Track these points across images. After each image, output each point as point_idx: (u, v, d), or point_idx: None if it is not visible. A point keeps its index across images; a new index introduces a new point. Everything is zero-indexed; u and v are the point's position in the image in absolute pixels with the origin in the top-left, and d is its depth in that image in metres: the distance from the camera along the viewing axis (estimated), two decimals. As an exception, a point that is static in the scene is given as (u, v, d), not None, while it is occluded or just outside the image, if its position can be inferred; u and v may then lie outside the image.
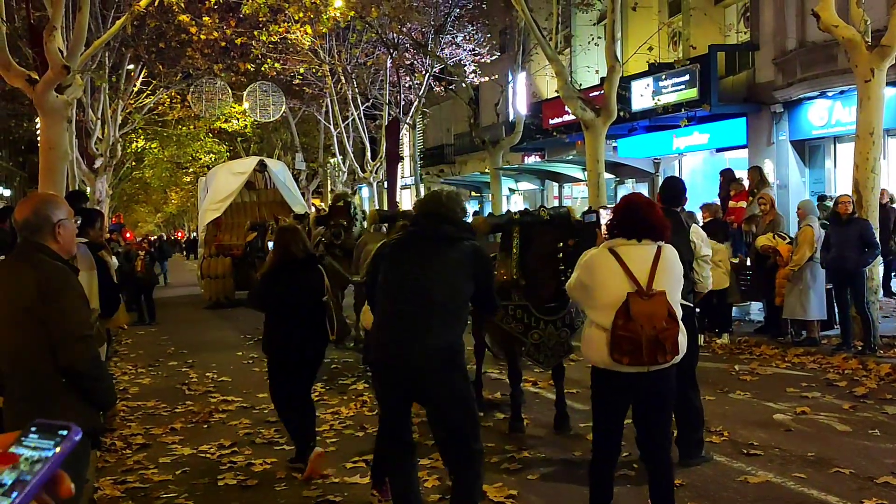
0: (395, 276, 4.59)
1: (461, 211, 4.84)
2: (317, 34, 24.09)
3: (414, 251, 4.63)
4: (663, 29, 21.39)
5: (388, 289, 4.61)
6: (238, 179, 20.98)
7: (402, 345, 4.42)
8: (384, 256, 4.79)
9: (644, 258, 4.57)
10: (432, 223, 4.64)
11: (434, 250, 4.57)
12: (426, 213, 4.76)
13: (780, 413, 7.68)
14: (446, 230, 4.61)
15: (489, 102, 26.40)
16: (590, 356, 4.70)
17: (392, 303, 4.56)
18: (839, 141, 17.83)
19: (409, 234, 4.90)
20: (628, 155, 22.55)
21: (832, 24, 10.86)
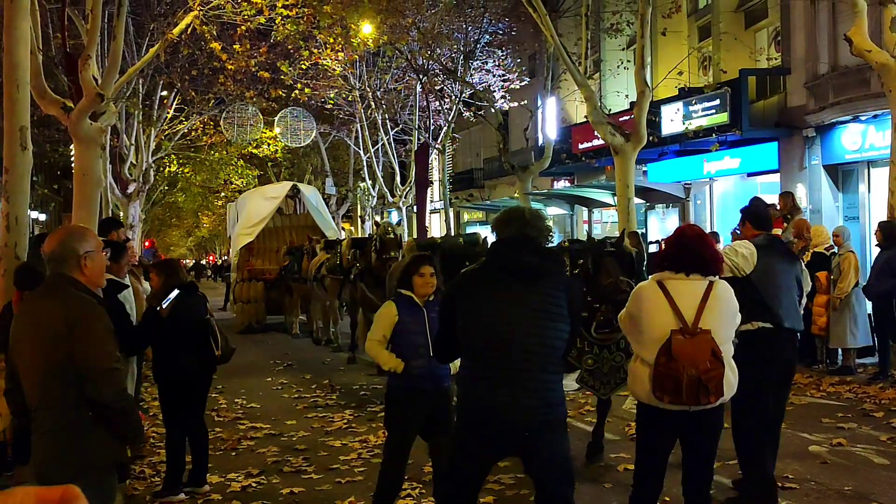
0: (481, 320, 4.00)
1: (548, 233, 4.26)
2: (347, 59, 24.31)
3: (500, 287, 4.02)
4: (693, 53, 21.33)
5: (473, 335, 4.02)
6: (271, 204, 20.92)
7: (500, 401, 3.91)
8: (460, 294, 4.14)
9: (693, 293, 4.46)
10: (517, 253, 4.03)
11: (522, 286, 4.00)
12: (510, 239, 4.11)
13: (815, 445, 7.53)
14: (536, 263, 4.02)
15: (518, 127, 26.45)
16: (635, 391, 4.64)
17: (481, 352, 4.01)
18: (873, 165, 17.59)
19: (490, 267, 4.18)
20: (658, 180, 22.42)
21: (865, 49, 10.77)
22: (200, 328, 6.52)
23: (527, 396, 3.91)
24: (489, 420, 3.94)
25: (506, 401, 3.89)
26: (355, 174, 36.14)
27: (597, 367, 6.86)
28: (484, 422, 3.96)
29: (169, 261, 7.50)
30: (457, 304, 4.09)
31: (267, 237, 21.32)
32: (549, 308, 3.98)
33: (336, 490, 6.70)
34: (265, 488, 6.84)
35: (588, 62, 18.15)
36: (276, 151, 33.31)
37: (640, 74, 15.13)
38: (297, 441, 8.34)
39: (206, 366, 6.66)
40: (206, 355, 6.55)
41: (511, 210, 4.34)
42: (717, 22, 20.83)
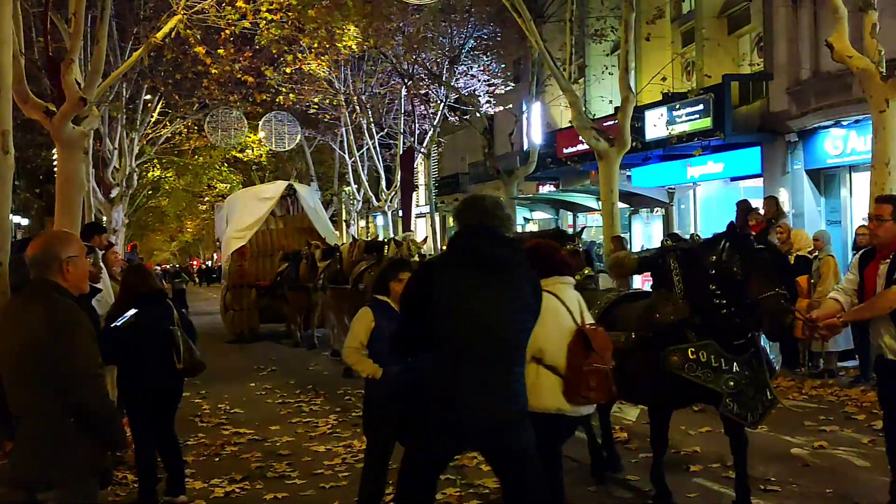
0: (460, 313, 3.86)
1: (509, 222, 4.12)
2: (331, 64, 24.31)
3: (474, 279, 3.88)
4: (677, 59, 21.47)
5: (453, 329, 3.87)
6: (264, 205, 19.70)
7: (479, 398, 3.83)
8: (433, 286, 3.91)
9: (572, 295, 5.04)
10: (487, 244, 3.90)
11: (495, 278, 3.88)
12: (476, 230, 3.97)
13: (797, 447, 7.58)
14: (507, 255, 3.92)
15: (503, 132, 26.49)
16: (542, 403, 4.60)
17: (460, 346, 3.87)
18: (854, 170, 17.72)
19: (459, 258, 4.00)
20: (642, 184, 22.51)
21: (846, 55, 10.84)
22: (166, 340, 6.27)
23: (502, 391, 3.87)
24: (466, 415, 3.85)
25: (483, 396, 3.82)
26: (340, 178, 36.11)
27: (740, 388, 5.48)
28: (461, 418, 3.86)
29: (137, 268, 7.19)
30: (429, 295, 3.88)
31: (260, 241, 20.06)
32: (519, 301, 3.92)
33: (320, 495, 6.69)
34: (249, 494, 6.82)
35: (572, 67, 18.16)
36: (260, 155, 33.29)
37: (625, 80, 15.22)
38: (281, 446, 8.31)
39: (174, 379, 6.40)
40: (172, 368, 6.29)
41: (471, 199, 4.23)
42: (701, 28, 20.93)
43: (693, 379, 5.47)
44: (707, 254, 5.57)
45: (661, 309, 5.77)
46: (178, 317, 6.48)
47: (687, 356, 5.49)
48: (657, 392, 5.86)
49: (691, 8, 22.21)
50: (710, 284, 5.50)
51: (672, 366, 5.51)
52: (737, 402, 5.50)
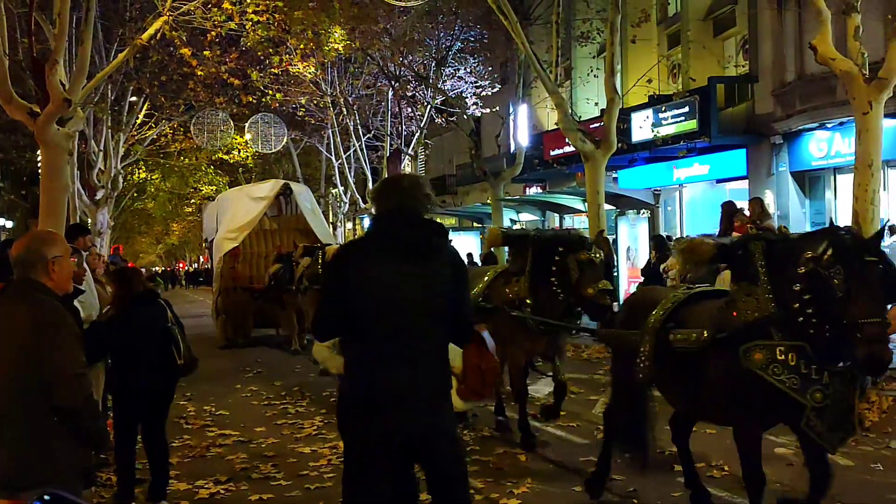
0: (374, 298, 3.82)
1: (429, 202, 4.08)
2: (318, 66, 24.27)
3: (389, 264, 3.85)
4: (662, 62, 21.56)
5: (367, 314, 3.83)
6: (259, 205, 18.87)
7: (397, 376, 3.79)
8: (348, 270, 3.90)
9: None
10: (403, 229, 3.89)
11: (413, 258, 3.87)
12: (393, 213, 3.94)
13: (781, 447, 7.61)
14: (423, 240, 3.90)
15: (490, 134, 26.54)
16: None
17: (376, 332, 3.83)
18: (839, 172, 17.85)
19: (375, 243, 3.98)
20: (628, 186, 22.60)
21: (829, 57, 10.91)
22: (160, 339, 6.24)
23: (425, 375, 3.85)
24: (392, 401, 3.79)
25: (407, 380, 3.79)
26: (327, 180, 36.08)
27: (826, 404, 4.72)
28: (386, 404, 3.79)
29: (124, 270, 7.20)
30: (345, 279, 3.86)
31: (254, 241, 19.30)
32: (438, 281, 3.90)
33: (305, 496, 6.68)
34: (234, 495, 6.80)
35: (559, 70, 18.23)
36: (246, 157, 33.22)
37: (610, 82, 15.28)
38: (267, 448, 8.30)
39: (168, 379, 6.39)
40: (167, 368, 6.26)
41: (389, 181, 4.23)
42: (686, 30, 21.05)
43: (776, 384, 4.73)
44: (803, 252, 4.69)
45: (742, 304, 5.00)
46: (173, 315, 6.48)
47: (774, 355, 4.76)
48: (736, 402, 5.01)
49: (677, 11, 22.33)
50: (801, 292, 4.68)
51: (754, 364, 4.77)
52: (821, 418, 4.73)
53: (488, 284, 8.22)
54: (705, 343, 5.05)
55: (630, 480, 6.60)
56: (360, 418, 3.85)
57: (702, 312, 5.36)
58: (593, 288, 7.15)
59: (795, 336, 4.73)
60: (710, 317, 5.22)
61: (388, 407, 3.80)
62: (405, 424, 3.83)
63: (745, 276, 5.12)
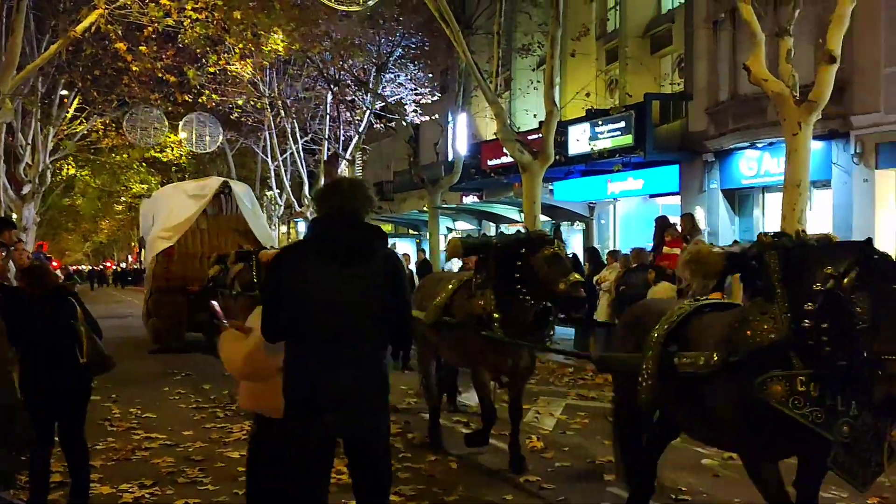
0: (308, 301, 3.90)
1: (369, 205, 4.11)
2: (257, 67, 24.02)
3: (325, 267, 3.91)
4: (600, 76, 21.88)
5: (302, 316, 3.91)
6: (197, 203, 18.05)
7: (337, 378, 3.86)
8: (284, 273, 3.99)
9: None
10: (339, 232, 3.96)
11: (352, 261, 3.92)
12: (331, 217, 4.01)
13: (707, 458, 7.74)
14: (358, 244, 3.96)
15: (429, 141, 26.59)
16: (266, 408, 4.59)
17: (310, 334, 3.90)
18: (767, 191, 18.34)
19: (312, 246, 4.07)
20: (564, 198, 22.87)
21: (762, 79, 11.21)
22: (68, 336, 5.99)
23: (365, 377, 3.91)
24: (332, 403, 3.85)
25: (346, 382, 3.86)
26: (262, 182, 35.69)
27: (855, 436, 4.14)
28: (326, 406, 3.86)
29: (33, 266, 6.94)
30: (284, 283, 3.95)
31: (191, 241, 18.32)
32: (377, 288, 3.94)
33: (234, 502, 6.55)
34: (159, 499, 6.64)
35: (499, 80, 18.40)
36: (180, 156, 32.69)
37: (549, 94, 15.45)
38: (194, 452, 8.13)
39: (80, 378, 6.10)
40: (75, 366, 5.99)
41: (331, 184, 4.27)
42: (624, 46, 21.42)
43: (799, 418, 4.16)
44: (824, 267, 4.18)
45: (756, 324, 4.38)
46: (82, 313, 6.26)
47: (794, 386, 4.18)
48: (750, 433, 4.47)
49: (616, 27, 22.70)
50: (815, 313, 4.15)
51: (773, 396, 4.18)
52: (849, 455, 4.15)
53: (451, 297, 7.60)
54: (715, 367, 4.51)
55: (560, 489, 6.64)
56: (300, 420, 3.91)
57: (710, 330, 4.80)
58: (564, 282, 6.59)
59: (817, 361, 4.16)
60: (719, 336, 4.64)
61: (329, 409, 3.86)
62: (345, 426, 3.91)
63: (760, 290, 4.53)
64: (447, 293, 7.65)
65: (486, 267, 7.23)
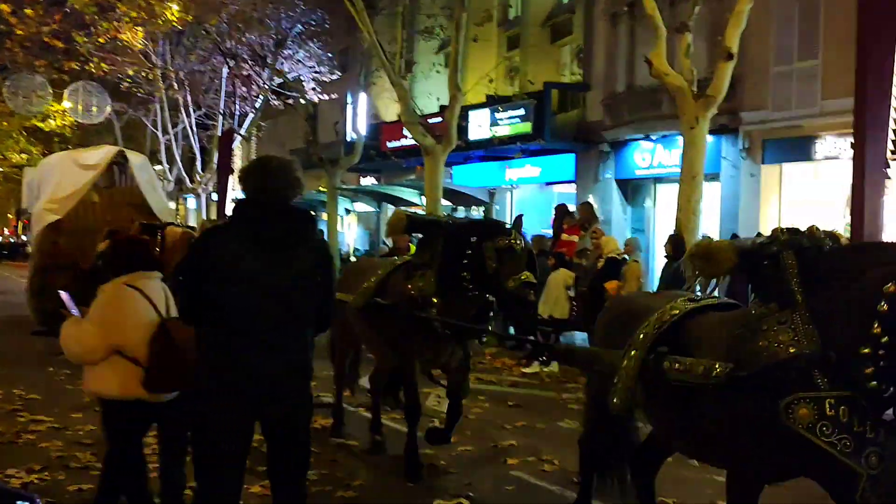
0: (239, 281, 3.78)
1: (297, 186, 4.01)
2: (149, 36, 23.19)
3: (249, 251, 3.80)
4: (502, 63, 22.03)
5: (225, 299, 3.81)
6: (88, 174, 16.62)
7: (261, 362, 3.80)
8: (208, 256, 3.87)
9: (158, 288, 4.93)
10: (265, 216, 3.84)
11: (277, 245, 3.82)
12: (257, 199, 3.90)
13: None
14: (285, 229, 3.86)
15: (328, 120, 26.24)
16: (105, 389, 4.79)
17: (244, 314, 3.81)
18: (659, 182, 18.90)
19: (237, 228, 3.93)
20: (462, 183, 23.00)
21: (663, 73, 11.49)
22: None
23: (286, 362, 3.87)
24: (253, 387, 3.81)
25: (268, 367, 3.81)
26: (152, 156, 34.45)
27: (882, 467, 3.65)
28: (246, 390, 3.81)
29: None
30: (206, 266, 3.84)
31: (81, 215, 16.77)
32: (298, 269, 3.88)
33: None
34: (49, 485, 6.35)
35: (401, 62, 18.27)
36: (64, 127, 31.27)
37: (453, 79, 15.45)
38: (85, 435, 7.80)
39: None
40: None
41: (257, 162, 4.11)
42: (525, 34, 21.61)
43: (826, 447, 3.62)
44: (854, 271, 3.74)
45: (773, 335, 3.82)
46: None
47: (823, 410, 3.64)
48: (753, 455, 3.91)
49: (517, 14, 22.86)
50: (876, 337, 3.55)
51: (800, 422, 3.64)
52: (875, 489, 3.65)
53: (384, 278, 6.85)
54: (717, 380, 3.94)
55: (464, 474, 6.68)
56: (219, 404, 3.85)
57: (710, 335, 4.24)
58: (514, 280, 5.91)
59: (846, 382, 3.64)
60: (723, 343, 4.07)
61: (249, 393, 3.83)
62: (265, 410, 3.88)
63: (773, 294, 3.93)
64: (380, 276, 6.92)
65: (431, 247, 6.54)
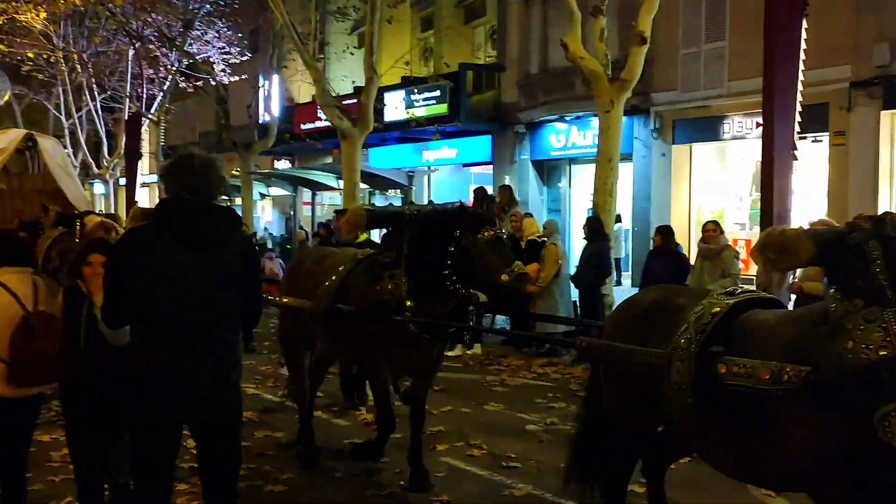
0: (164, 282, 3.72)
1: (221, 184, 3.95)
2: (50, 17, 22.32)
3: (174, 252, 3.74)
4: (416, 44, 21.97)
5: (150, 301, 3.73)
6: None
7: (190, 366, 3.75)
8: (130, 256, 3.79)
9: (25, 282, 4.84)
10: (191, 217, 3.77)
11: (202, 246, 3.78)
12: (181, 198, 3.82)
13: (532, 424, 8.05)
14: (212, 230, 3.80)
15: (240, 103, 25.73)
16: None
17: (169, 316, 3.75)
18: (574, 163, 19.17)
19: (161, 229, 3.82)
20: (379, 165, 22.89)
21: (578, 56, 11.64)
22: None
23: (212, 363, 3.82)
24: (180, 389, 3.76)
25: (194, 369, 3.76)
26: (55, 141, 33.33)
27: None
28: (174, 391, 3.76)
29: None
30: (130, 267, 3.75)
31: None
32: (227, 274, 3.83)
33: (50, 489, 6.17)
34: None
35: (315, 44, 18.04)
36: (-41, 111, 29.93)
37: (369, 61, 15.32)
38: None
39: None
40: None
41: (180, 159, 4.01)
42: (439, 15, 21.57)
43: None
44: None
45: (860, 335, 3.31)
46: None
47: None
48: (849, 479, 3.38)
49: (431, -6, 22.79)
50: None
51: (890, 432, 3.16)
52: None
53: (344, 279, 6.25)
54: (790, 385, 3.39)
55: (394, 462, 6.69)
56: (147, 406, 3.80)
57: (771, 335, 3.70)
58: (507, 273, 5.49)
59: None
60: (789, 344, 3.56)
61: (176, 394, 3.78)
62: (193, 412, 3.84)
63: (858, 289, 3.41)
64: (339, 275, 6.32)
65: (397, 243, 6.00)
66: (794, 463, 3.53)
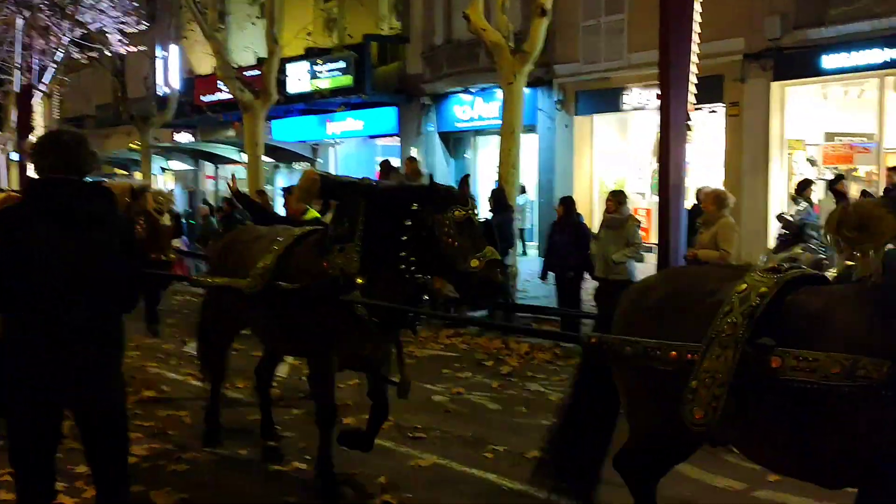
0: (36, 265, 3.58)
1: (93, 161, 3.80)
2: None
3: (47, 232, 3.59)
4: (319, 15, 21.66)
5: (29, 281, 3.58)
6: None
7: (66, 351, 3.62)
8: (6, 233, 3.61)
9: None
10: (63, 197, 3.63)
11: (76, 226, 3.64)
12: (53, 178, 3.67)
13: (438, 395, 8.12)
14: (87, 209, 3.66)
15: (138, 74, 24.95)
16: None
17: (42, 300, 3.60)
18: (479, 134, 19.29)
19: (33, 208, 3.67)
20: (282, 138, 22.58)
21: (481, 28, 11.68)
22: None
23: (90, 348, 3.71)
24: (56, 375, 3.64)
25: (70, 353, 3.64)
26: (-61, 115, 31.73)
27: None
28: (50, 378, 3.64)
29: None
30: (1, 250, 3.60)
31: None
32: (103, 254, 3.73)
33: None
34: None
35: (215, 14, 17.58)
36: None
37: (270, 32, 15.05)
38: None
39: None
40: None
41: (49, 137, 3.89)
42: (342, -16, 21.30)
43: None
44: None
45: None
46: None
47: None
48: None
49: (334, -37, 22.46)
50: None
51: None
52: None
53: (283, 255, 5.57)
54: (871, 380, 2.96)
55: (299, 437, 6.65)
56: (24, 395, 3.66)
57: (835, 321, 3.21)
58: (479, 258, 4.87)
59: None
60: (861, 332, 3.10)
61: (54, 382, 3.65)
62: (72, 398, 3.73)
63: None
64: (277, 251, 5.62)
65: (351, 216, 5.32)
66: (866, 460, 3.11)
